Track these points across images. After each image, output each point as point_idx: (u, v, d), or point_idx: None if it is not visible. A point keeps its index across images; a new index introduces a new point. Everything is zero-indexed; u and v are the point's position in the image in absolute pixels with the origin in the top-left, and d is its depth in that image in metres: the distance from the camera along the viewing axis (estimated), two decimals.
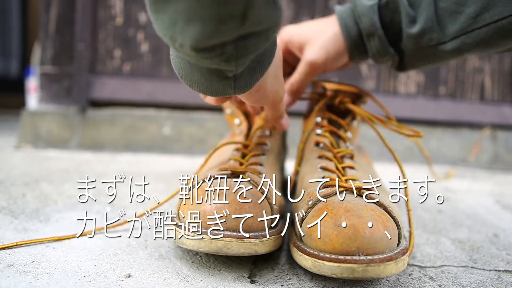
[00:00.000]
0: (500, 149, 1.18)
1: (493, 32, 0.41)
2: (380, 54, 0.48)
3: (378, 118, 0.46)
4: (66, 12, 1.04)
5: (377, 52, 0.48)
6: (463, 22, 0.42)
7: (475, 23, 0.41)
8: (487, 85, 1.19)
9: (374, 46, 0.48)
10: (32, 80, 1.41)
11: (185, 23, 0.25)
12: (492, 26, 0.40)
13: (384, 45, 0.47)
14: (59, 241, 0.39)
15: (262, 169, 0.42)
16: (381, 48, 0.47)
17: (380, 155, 1.08)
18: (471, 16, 0.41)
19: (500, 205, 0.68)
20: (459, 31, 0.43)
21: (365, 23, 0.47)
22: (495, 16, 0.40)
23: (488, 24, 0.41)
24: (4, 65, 2.80)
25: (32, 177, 0.66)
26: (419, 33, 0.45)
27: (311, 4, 1.11)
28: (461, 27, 0.42)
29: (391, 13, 0.46)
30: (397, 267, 0.30)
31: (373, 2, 0.47)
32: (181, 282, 0.33)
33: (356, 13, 0.48)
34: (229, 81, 0.31)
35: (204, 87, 0.32)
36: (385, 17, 0.47)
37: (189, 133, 1.07)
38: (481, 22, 0.41)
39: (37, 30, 2.39)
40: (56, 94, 1.05)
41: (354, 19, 0.48)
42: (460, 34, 0.43)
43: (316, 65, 0.49)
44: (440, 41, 0.44)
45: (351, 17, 0.48)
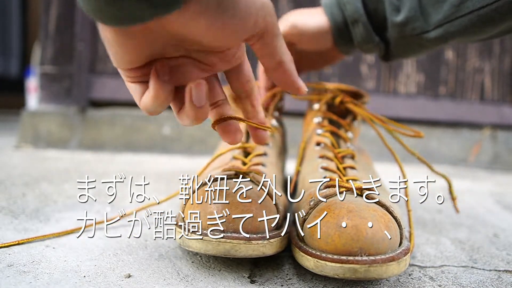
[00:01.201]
0: (500, 149, 1.18)
1: (476, 20, 0.41)
2: (365, 41, 0.49)
3: (378, 118, 0.46)
4: (66, 12, 1.04)
5: (361, 40, 0.48)
6: (446, 10, 0.43)
7: (458, 11, 0.42)
8: (487, 85, 1.19)
9: (358, 33, 0.48)
10: (32, 80, 1.41)
11: None
12: (475, 13, 0.41)
13: (368, 32, 0.48)
14: (59, 237, 0.39)
15: (265, 170, 0.42)
16: (366, 35, 0.48)
17: (380, 155, 1.08)
18: (454, 5, 0.42)
19: (500, 205, 0.68)
20: (442, 20, 0.43)
21: (349, 10, 0.48)
22: (477, 4, 0.40)
23: (471, 11, 0.41)
24: (4, 65, 2.80)
25: (32, 177, 0.66)
26: (402, 22, 0.45)
27: (311, 4, 1.11)
28: (444, 15, 0.43)
29: (375, 2, 0.47)
30: (399, 268, 0.30)
31: None
32: (181, 282, 0.32)
33: (341, 2, 0.49)
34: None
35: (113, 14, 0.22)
36: (369, 5, 0.48)
37: (189, 133, 1.07)
38: (464, 10, 0.41)
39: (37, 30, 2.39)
40: (56, 94, 1.05)
41: (339, 7, 0.49)
42: (443, 23, 0.43)
43: (294, 26, 0.49)
44: (424, 30, 0.45)
45: (337, 5, 0.49)
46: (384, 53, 0.51)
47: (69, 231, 0.42)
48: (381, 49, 0.50)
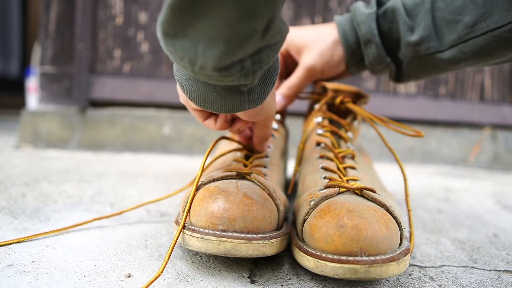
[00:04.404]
0: (500, 149, 1.18)
1: (490, 40, 0.41)
2: (377, 62, 0.49)
3: (379, 118, 0.46)
4: (66, 12, 1.04)
5: (373, 60, 0.49)
6: (460, 31, 0.43)
7: (472, 32, 0.42)
8: (487, 85, 1.19)
9: (371, 53, 0.48)
10: (32, 80, 1.41)
11: (208, 44, 0.24)
12: (489, 34, 0.41)
13: (380, 53, 0.48)
14: (60, 234, 0.39)
15: (266, 171, 0.42)
16: (378, 55, 0.48)
17: (380, 155, 1.08)
18: (468, 25, 0.42)
19: (500, 205, 0.68)
20: (456, 40, 0.43)
21: (363, 30, 0.48)
22: (491, 24, 0.40)
23: (485, 32, 0.41)
24: (4, 65, 2.80)
25: (32, 177, 0.66)
26: (417, 41, 0.45)
27: (311, 4, 1.11)
28: (459, 35, 0.43)
29: (389, 22, 0.47)
30: (399, 268, 0.30)
31: (371, 10, 0.48)
32: (181, 282, 0.32)
33: (355, 21, 0.49)
34: (244, 96, 0.31)
35: (219, 105, 0.32)
36: (383, 26, 0.48)
37: (189, 133, 1.07)
38: (478, 31, 0.41)
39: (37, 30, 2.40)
40: (56, 94, 1.05)
41: (352, 26, 0.49)
42: (457, 43, 0.43)
43: (314, 71, 0.50)
44: (438, 50, 0.45)
45: (350, 24, 0.49)
46: (395, 74, 0.51)
47: (69, 227, 0.42)
48: (391, 70, 0.50)
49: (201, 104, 0.33)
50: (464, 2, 0.42)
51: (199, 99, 0.32)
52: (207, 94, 0.31)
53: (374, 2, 0.49)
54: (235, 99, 0.31)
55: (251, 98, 0.32)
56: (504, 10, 0.39)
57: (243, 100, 0.32)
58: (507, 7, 0.39)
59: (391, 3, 0.47)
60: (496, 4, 0.40)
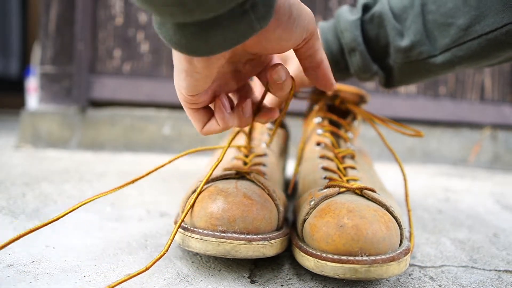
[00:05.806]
0: (500, 149, 1.18)
1: (485, 44, 0.39)
2: (362, 71, 0.47)
3: (379, 118, 0.46)
4: (66, 12, 1.04)
5: (358, 69, 0.47)
6: (453, 34, 0.41)
7: (466, 35, 0.40)
8: (487, 85, 1.19)
9: (355, 62, 0.47)
10: (32, 80, 1.41)
11: None
12: (484, 37, 0.39)
13: (365, 61, 0.46)
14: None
15: (266, 170, 0.42)
16: (363, 64, 0.46)
17: (380, 155, 1.08)
18: (462, 28, 0.40)
19: (500, 205, 0.68)
20: (450, 44, 0.42)
21: (347, 37, 0.46)
22: (486, 27, 0.39)
23: (479, 36, 0.39)
24: (4, 65, 2.80)
25: (32, 177, 0.66)
26: (408, 46, 0.44)
27: (311, 4, 1.11)
28: (452, 39, 0.41)
29: (376, 27, 0.46)
30: (400, 268, 0.30)
31: (356, 17, 0.46)
32: (181, 282, 0.32)
33: (338, 28, 0.47)
34: (249, 15, 0.25)
35: (229, 39, 0.25)
36: (370, 32, 0.46)
37: (189, 133, 1.07)
38: (473, 34, 0.40)
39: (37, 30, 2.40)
40: (56, 94, 1.05)
41: (336, 34, 0.47)
42: (451, 47, 0.42)
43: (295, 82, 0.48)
44: (431, 54, 0.43)
45: (334, 32, 0.48)
46: (385, 81, 0.49)
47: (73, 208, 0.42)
48: (380, 77, 0.48)
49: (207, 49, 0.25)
50: (456, 4, 0.41)
51: (204, 43, 0.25)
52: (209, 32, 0.25)
53: (360, 7, 0.47)
54: (242, 22, 0.25)
55: (258, 14, 0.25)
56: (499, 12, 0.38)
57: (249, 21, 0.25)
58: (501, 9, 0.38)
59: (378, 7, 0.45)
60: (490, 6, 0.38)
